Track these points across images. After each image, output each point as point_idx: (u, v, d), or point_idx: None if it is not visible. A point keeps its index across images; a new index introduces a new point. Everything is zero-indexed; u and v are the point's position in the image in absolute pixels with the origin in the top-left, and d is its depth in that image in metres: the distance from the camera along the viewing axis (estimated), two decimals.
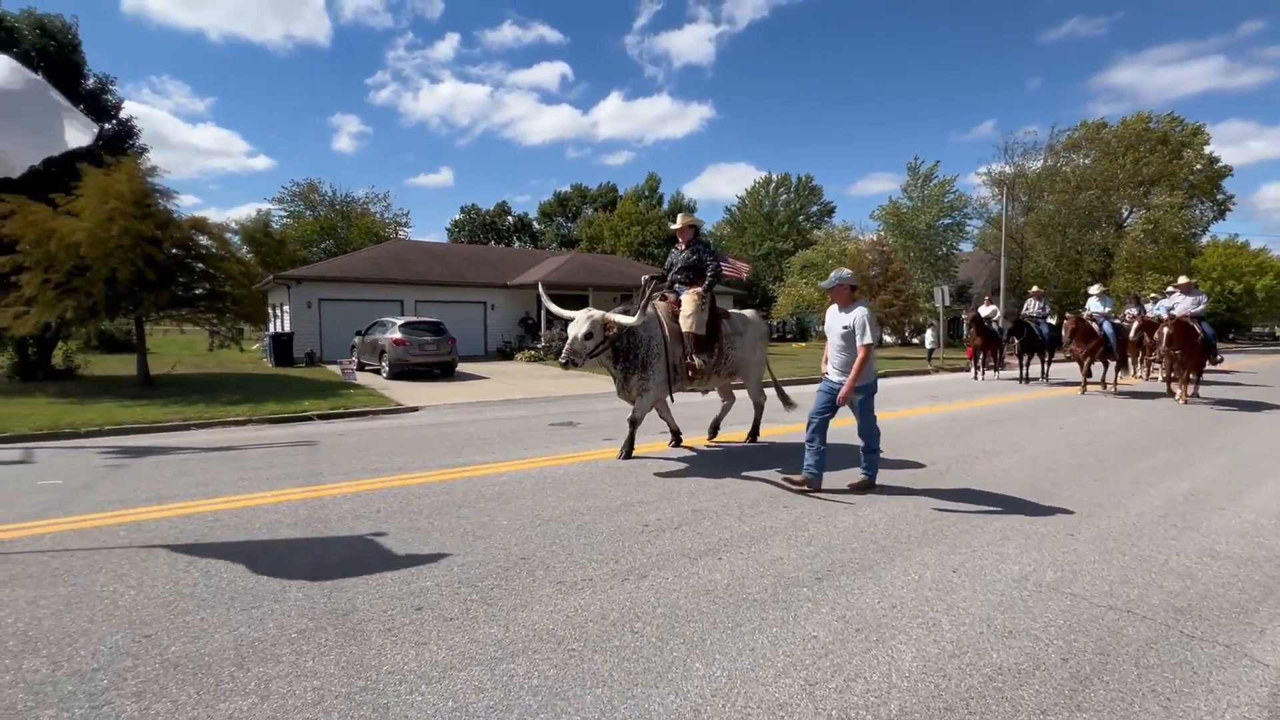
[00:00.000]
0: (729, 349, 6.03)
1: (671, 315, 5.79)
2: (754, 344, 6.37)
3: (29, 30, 13.00)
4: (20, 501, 4.28)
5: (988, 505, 4.39)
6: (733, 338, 6.12)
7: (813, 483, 4.58)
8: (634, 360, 5.52)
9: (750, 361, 6.33)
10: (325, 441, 6.76)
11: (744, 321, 6.41)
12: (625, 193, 52.16)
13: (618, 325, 5.35)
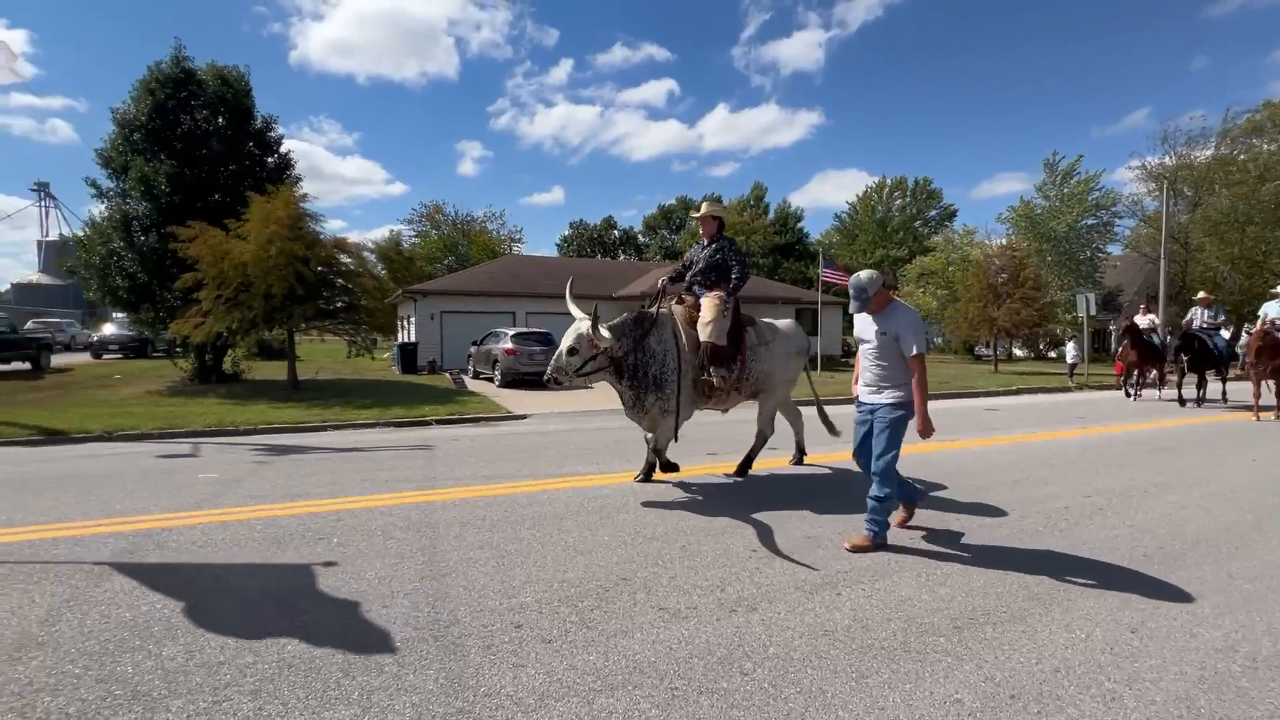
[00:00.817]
0: (752, 362, 5.19)
1: (689, 321, 5.02)
2: (783, 359, 5.44)
3: (212, 80, 15.01)
4: (182, 493, 4.77)
5: (1167, 550, 3.68)
6: (757, 349, 5.27)
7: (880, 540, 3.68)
8: (644, 377, 4.74)
9: (776, 379, 5.41)
10: (441, 446, 7.06)
11: (773, 331, 5.50)
12: (729, 204, 51.68)
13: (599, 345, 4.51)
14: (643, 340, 4.75)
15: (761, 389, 5.39)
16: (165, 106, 14.41)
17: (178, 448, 7.04)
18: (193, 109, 14.73)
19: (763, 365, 5.29)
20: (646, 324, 4.83)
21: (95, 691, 2.12)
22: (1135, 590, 3.09)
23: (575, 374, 4.64)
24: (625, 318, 4.82)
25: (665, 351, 4.79)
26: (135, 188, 13.94)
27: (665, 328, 4.89)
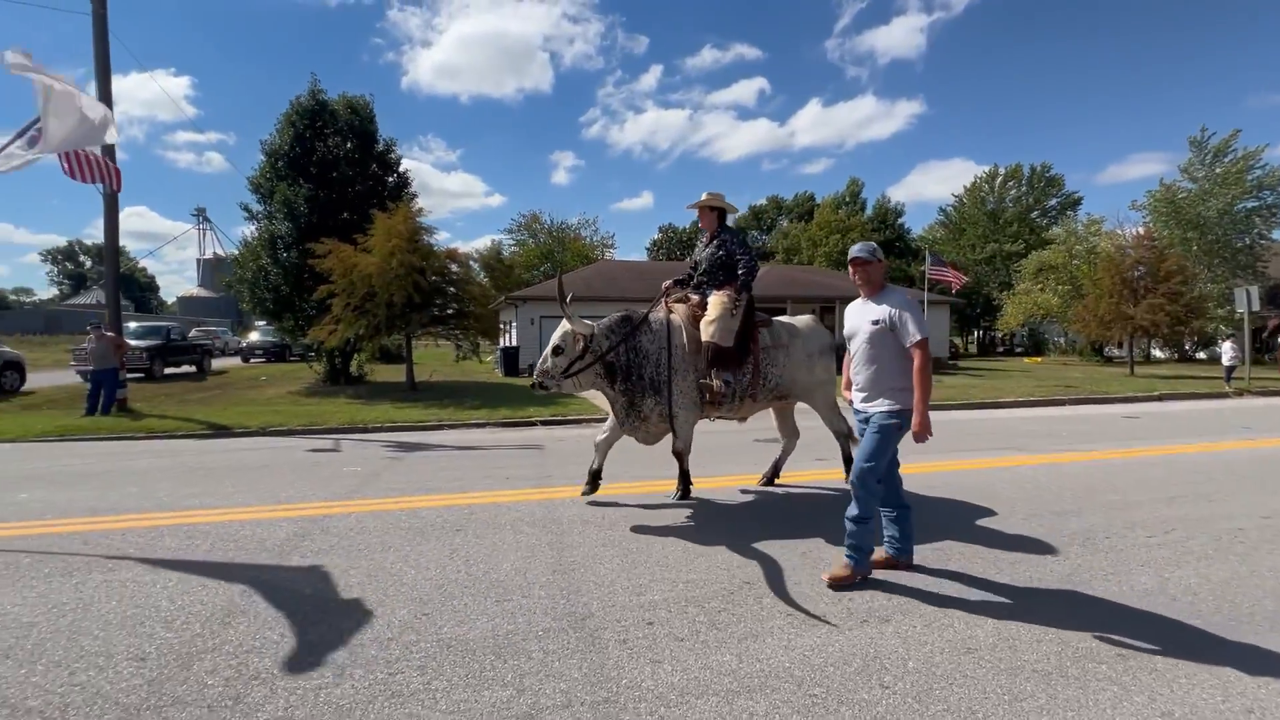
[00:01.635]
0: (767, 366, 4.71)
1: (693, 321, 4.53)
2: (804, 361, 4.90)
3: (342, 110, 16.53)
4: (334, 484, 5.30)
5: None
6: (773, 352, 4.77)
7: (899, 560, 3.34)
8: (639, 379, 4.37)
9: (801, 384, 4.92)
10: (549, 446, 7.37)
11: (790, 332, 4.94)
12: (823, 201, 50.08)
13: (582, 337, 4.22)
14: (633, 340, 4.40)
15: (786, 395, 4.93)
16: (303, 136, 16.05)
17: (320, 443, 7.81)
18: (325, 136, 16.29)
19: (781, 370, 4.79)
20: (634, 322, 4.47)
21: (289, 656, 2.42)
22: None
23: (563, 376, 4.30)
24: (612, 317, 4.51)
25: (660, 350, 4.40)
26: (279, 210, 15.63)
27: (659, 326, 4.49)
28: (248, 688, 2.21)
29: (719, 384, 4.35)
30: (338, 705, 2.11)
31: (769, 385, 4.76)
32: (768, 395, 4.82)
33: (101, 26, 10.97)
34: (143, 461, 6.50)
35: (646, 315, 4.54)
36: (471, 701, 2.15)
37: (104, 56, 10.98)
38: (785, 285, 23.15)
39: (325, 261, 13.57)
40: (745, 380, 4.59)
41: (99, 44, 10.93)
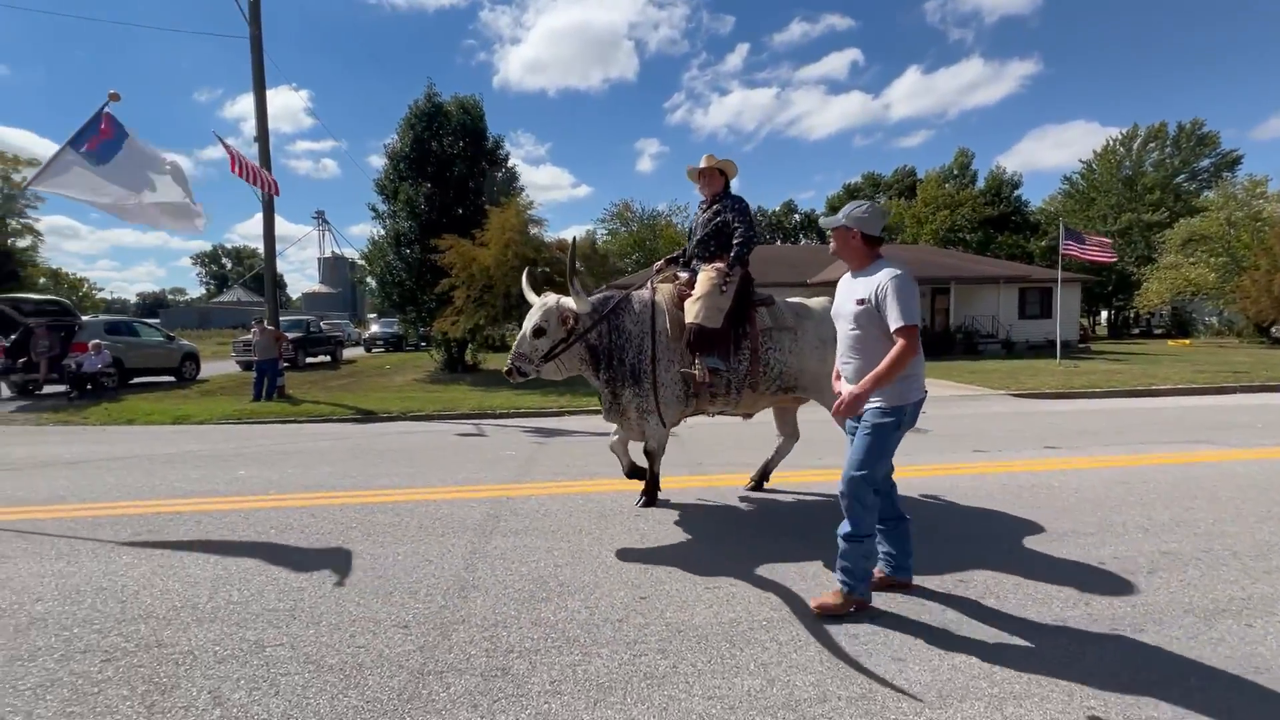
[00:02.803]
0: (768, 351, 4.05)
1: (678, 302, 4.00)
2: (816, 348, 4.09)
3: (455, 110, 17.29)
4: (498, 467, 5.57)
5: None
6: (776, 335, 4.08)
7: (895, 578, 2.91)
8: (620, 366, 3.92)
9: (812, 372, 4.10)
10: (683, 434, 7.40)
11: (800, 314, 4.22)
12: (926, 175, 46.98)
13: (573, 313, 3.78)
14: (615, 319, 3.95)
15: (794, 387, 4.16)
16: (421, 138, 16.97)
17: (462, 428, 8.26)
18: (441, 137, 17.16)
19: (786, 356, 4.08)
20: (616, 299, 4.03)
21: (533, 632, 2.54)
22: None
23: (542, 361, 3.88)
24: (597, 295, 4.09)
25: (642, 334, 3.92)
26: (402, 209, 16.67)
27: (640, 306, 4.00)
28: (508, 660, 2.33)
29: (701, 372, 3.77)
30: (597, 683, 2.19)
31: (771, 374, 4.07)
32: (771, 386, 4.11)
33: (258, 48, 12.05)
34: (322, 443, 7.15)
35: (628, 294, 4.10)
36: (725, 689, 2.16)
37: (260, 74, 12.07)
38: None
39: (446, 256, 14.31)
40: (742, 368, 3.98)
41: (256, 64, 12.01)
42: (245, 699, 2.10)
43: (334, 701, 2.08)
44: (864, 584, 2.69)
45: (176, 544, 3.59)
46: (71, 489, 4.91)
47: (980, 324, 22.36)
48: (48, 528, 3.87)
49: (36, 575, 3.14)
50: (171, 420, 9.33)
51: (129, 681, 2.20)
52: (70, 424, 9.11)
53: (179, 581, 3.05)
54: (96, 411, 9.92)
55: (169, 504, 4.43)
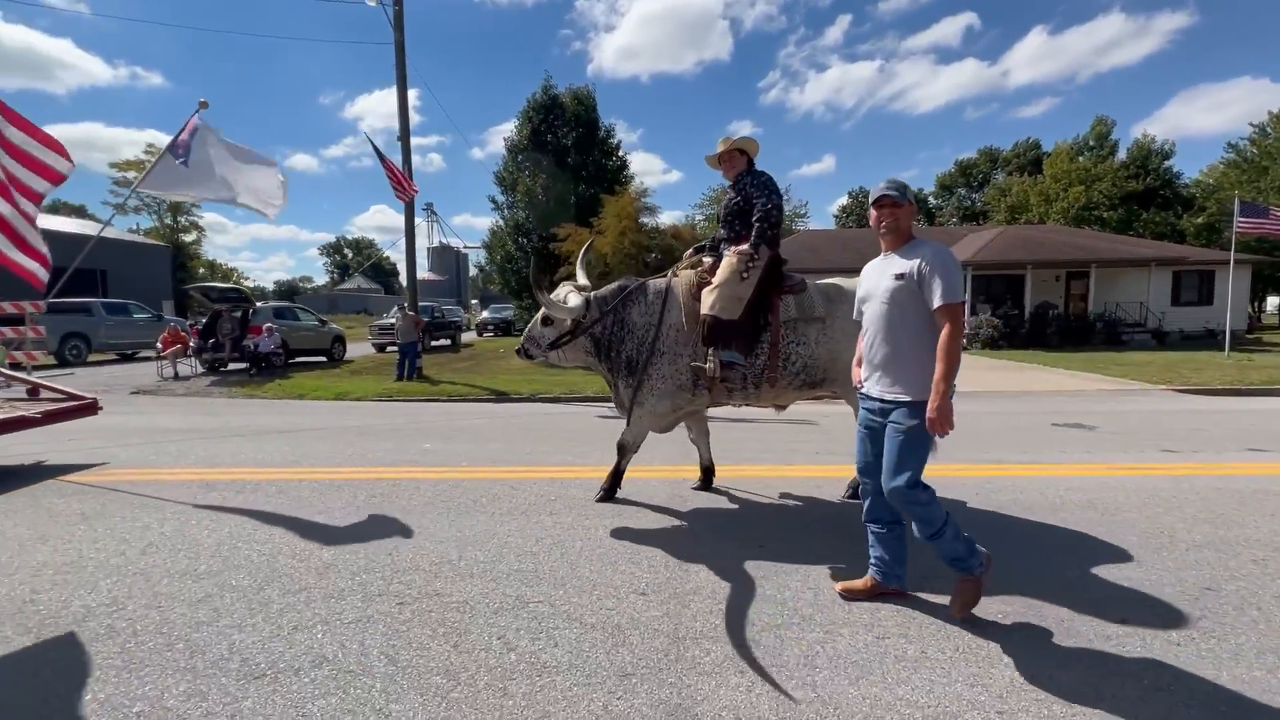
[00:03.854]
0: (790, 344, 3.74)
1: (695, 291, 3.80)
2: (850, 337, 3.50)
3: (569, 100, 17.77)
4: (655, 450, 5.76)
5: None
6: (800, 326, 3.74)
7: (886, 586, 2.72)
8: (617, 358, 3.87)
9: (846, 364, 3.57)
10: (822, 423, 7.31)
11: (832, 298, 3.83)
12: (1055, 148, 42.82)
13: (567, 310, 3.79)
14: (622, 311, 3.88)
15: (823, 380, 3.83)
16: (539, 130, 17.66)
17: (598, 409, 8.59)
18: (556, 128, 17.75)
19: (813, 349, 3.75)
20: (629, 290, 3.93)
21: (767, 608, 2.66)
22: None
23: (548, 348, 3.95)
24: (608, 286, 4.06)
25: (648, 326, 3.81)
26: (521, 200, 17.49)
27: (653, 296, 3.87)
28: (764, 634, 2.45)
29: (712, 366, 3.58)
30: (851, 660, 2.27)
31: (793, 368, 3.77)
32: (794, 381, 3.81)
33: (401, 53, 12.92)
34: (477, 421, 7.71)
35: (643, 284, 3.99)
36: (980, 675, 2.17)
37: (402, 77, 12.95)
38: (1025, 248, 20.33)
39: (565, 244, 14.84)
40: (759, 362, 3.73)
41: (399, 67, 12.90)
42: (531, 646, 2.35)
43: (610, 656, 2.29)
44: (973, 557, 2.52)
45: (408, 507, 4.03)
46: (300, 455, 5.59)
47: (1125, 311, 20.28)
48: (301, 490, 4.44)
49: (308, 527, 3.64)
50: (333, 396, 10.34)
51: (426, 623, 2.53)
52: (255, 397, 10.34)
53: (428, 540, 3.43)
54: (272, 387, 11.19)
55: (388, 471, 4.94)
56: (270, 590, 2.81)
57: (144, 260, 28.56)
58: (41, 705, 2.02)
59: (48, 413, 5.19)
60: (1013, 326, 19.06)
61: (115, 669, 2.21)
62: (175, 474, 4.89)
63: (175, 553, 3.24)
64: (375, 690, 2.09)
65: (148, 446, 6.00)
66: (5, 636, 2.42)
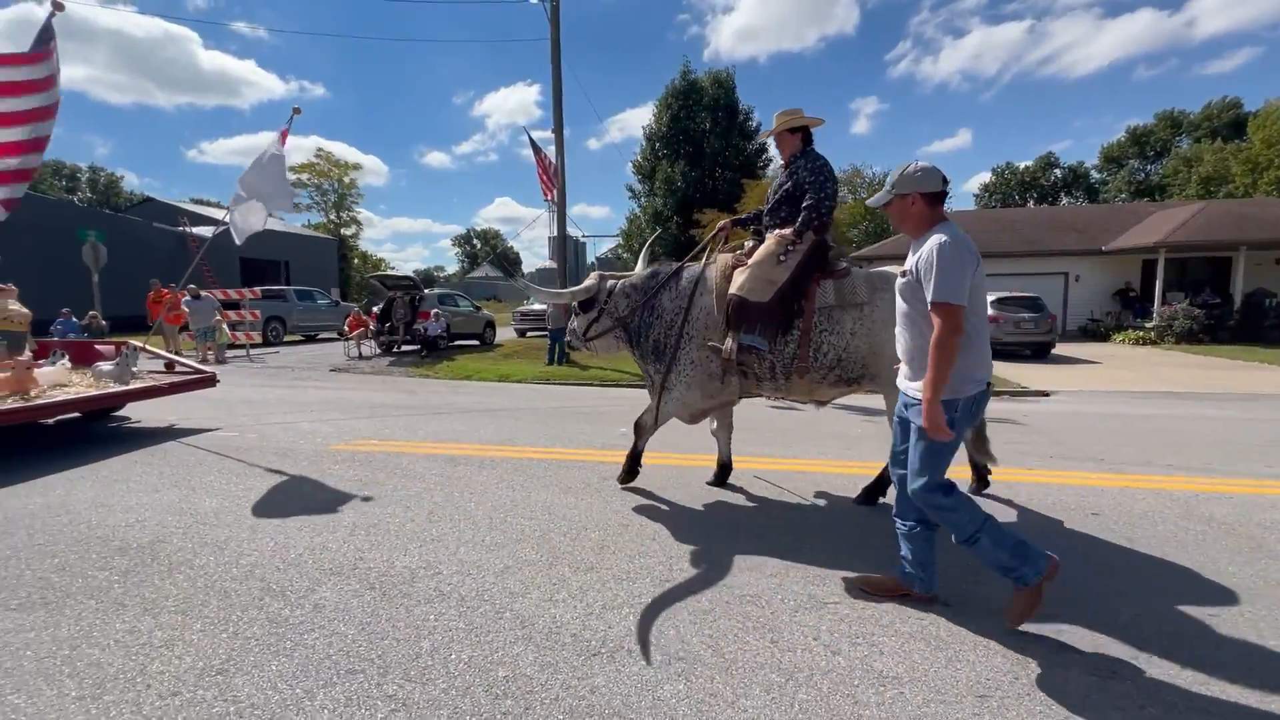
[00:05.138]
0: (823, 333, 3.47)
1: (726, 274, 3.65)
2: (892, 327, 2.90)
3: (709, 85, 17.51)
4: (826, 443, 5.52)
5: None
6: (836, 314, 3.47)
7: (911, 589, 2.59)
8: (645, 343, 3.86)
9: (890, 357, 3.06)
10: (1031, 422, 6.65)
11: (876, 285, 3.47)
12: (1265, 107, 36.20)
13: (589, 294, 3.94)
14: (655, 298, 3.82)
15: (863, 375, 3.50)
16: (677, 116, 17.58)
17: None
18: (694, 113, 17.58)
19: (848, 339, 3.47)
20: (660, 278, 3.88)
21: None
22: None
23: (585, 339, 4.05)
24: (639, 272, 4.03)
25: (677, 311, 3.74)
26: (660, 188, 17.55)
27: (686, 282, 3.79)
28: None
29: (729, 347, 3.47)
30: None
31: (825, 359, 3.50)
32: (826, 374, 3.54)
33: (556, 48, 13.32)
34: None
35: (679, 269, 3.89)
36: None
37: (557, 72, 13.36)
38: (1235, 226, 17.39)
39: (706, 231, 14.69)
40: (789, 350, 3.51)
41: (554, 62, 13.32)
42: (854, 652, 2.26)
43: (951, 671, 2.14)
44: (1023, 565, 2.30)
45: (650, 489, 4.11)
46: (511, 433, 5.91)
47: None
48: (535, 468, 4.65)
49: (563, 505, 3.80)
50: (497, 378, 10.96)
51: (730, 615, 2.51)
52: (431, 377, 11.21)
53: (695, 527, 3.46)
54: (441, 367, 12.07)
55: (597, 454, 5.11)
56: (561, 567, 2.94)
57: (317, 251, 32.09)
58: (414, 660, 2.20)
59: (174, 384, 5.99)
60: (1216, 318, 16.44)
61: (462, 631, 2.38)
62: (417, 447, 5.32)
63: (456, 522, 3.50)
64: (717, 681, 2.09)
65: (378, 420, 6.64)
66: (356, 590, 2.71)
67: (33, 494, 3.96)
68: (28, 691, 2.03)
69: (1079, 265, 19.39)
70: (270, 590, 2.69)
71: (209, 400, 7.59)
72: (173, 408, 6.92)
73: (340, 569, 2.90)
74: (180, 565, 2.93)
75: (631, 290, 3.97)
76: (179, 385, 6.05)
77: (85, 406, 5.56)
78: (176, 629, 2.40)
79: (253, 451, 5.07)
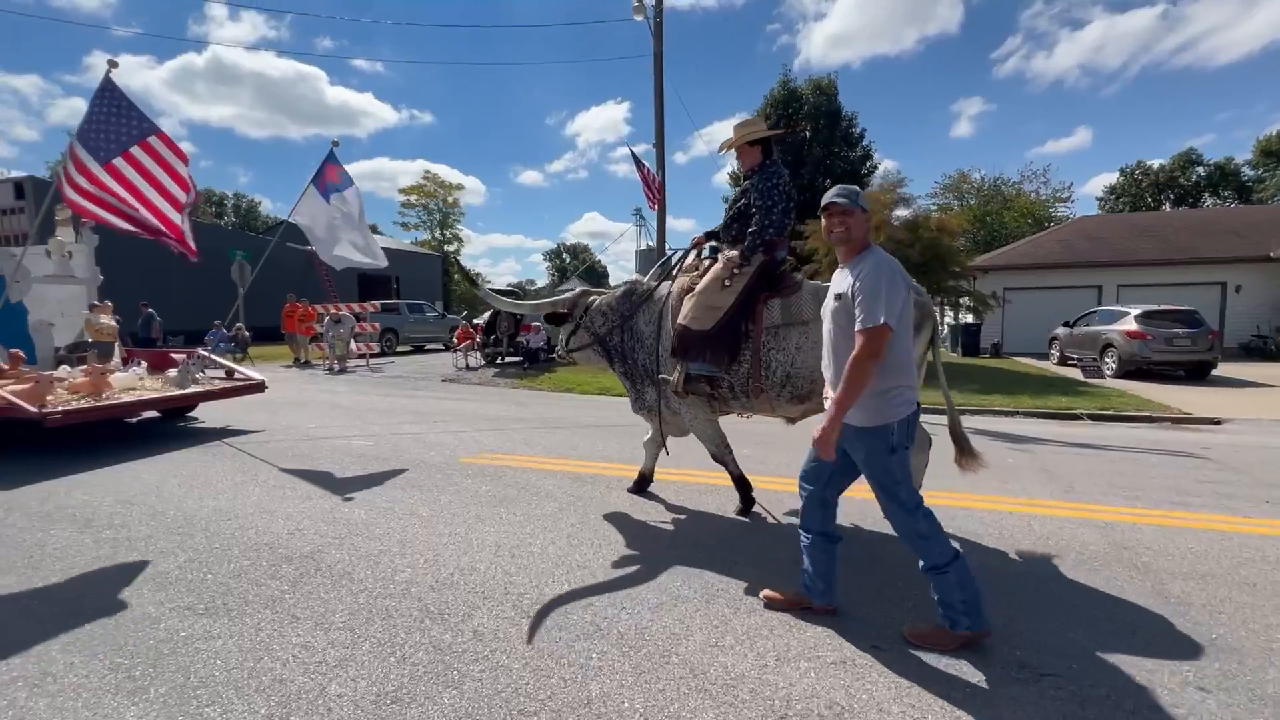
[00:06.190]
0: (769, 353, 3.46)
1: (680, 298, 3.70)
2: None
3: (810, 92, 17.01)
4: (1017, 480, 4.97)
5: None
6: (784, 332, 3.43)
7: (809, 601, 2.60)
8: (635, 366, 3.94)
9: None
10: (1217, 456, 5.76)
11: (820, 301, 3.08)
12: None
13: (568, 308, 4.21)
14: (630, 319, 3.92)
15: (815, 390, 3.37)
16: (776, 125, 17.21)
17: None
18: (795, 122, 17.11)
19: (795, 354, 3.41)
20: (635, 298, 3.95)
21: None
22: None
23: (567, 349, 4.24)
24: (616, 290, 4.12)
25: (652, 335, 3.82)
26: None
27: (658, 302, 3.83)
28: None
29: (676, 379, 3.54)
30: None
31: (774, 377, 3.46)
32: (780, 392, 3.48)
33: (659, 63, 13.39)
34: (758, 427, 7.50)
35: (652, 290, 3.93)
36: None
37: (659, 90, 13.41)
38: None
39: (810, 242, 14.17)
40: (743, 371, 3.50)
41: (657, 76, 13.38)
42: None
43: None
44: (967, 617, 2.31)
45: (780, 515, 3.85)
46: (630, 452, 5.68)
47: None
48: (665, 491, 4.42)
49: (725, 541, 3.62)
50: (597, 391, 10.96)
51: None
52: (536, 389, 11.41)
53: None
54: (544, 380, 12.28)
55: (722, 478, 4.89)
56: (720, 605, 2.73)
57: (423, 266, 34.12)
58: (585, 705, 2.07)
59: (226, 389, 6.77)
60: None
61: (629, 675, 2.22)
62: (542, 463, 5.27)
63: (598, 548, 3.38)
64: None
65: (498, 433, 6.75)
66: (511, 617, 2.62)
67: (205, 497, 4.27)
68: (221, 704, 2.07)
69: (1240, 274, 17.06)
70: (429, 613, 2.66)
71: (343, 409, 8.07)
72: (314, 414, 7.40)
73: (491, 593, 2.84)
74: (341, 579, 2.99)
75: (608, 310, 4.05)
76: (230, 390, 6.84)
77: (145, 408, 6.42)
78: (347, 647, 2.40)
79: (389, 462, 5.25)
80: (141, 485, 4.55)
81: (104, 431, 6.46)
